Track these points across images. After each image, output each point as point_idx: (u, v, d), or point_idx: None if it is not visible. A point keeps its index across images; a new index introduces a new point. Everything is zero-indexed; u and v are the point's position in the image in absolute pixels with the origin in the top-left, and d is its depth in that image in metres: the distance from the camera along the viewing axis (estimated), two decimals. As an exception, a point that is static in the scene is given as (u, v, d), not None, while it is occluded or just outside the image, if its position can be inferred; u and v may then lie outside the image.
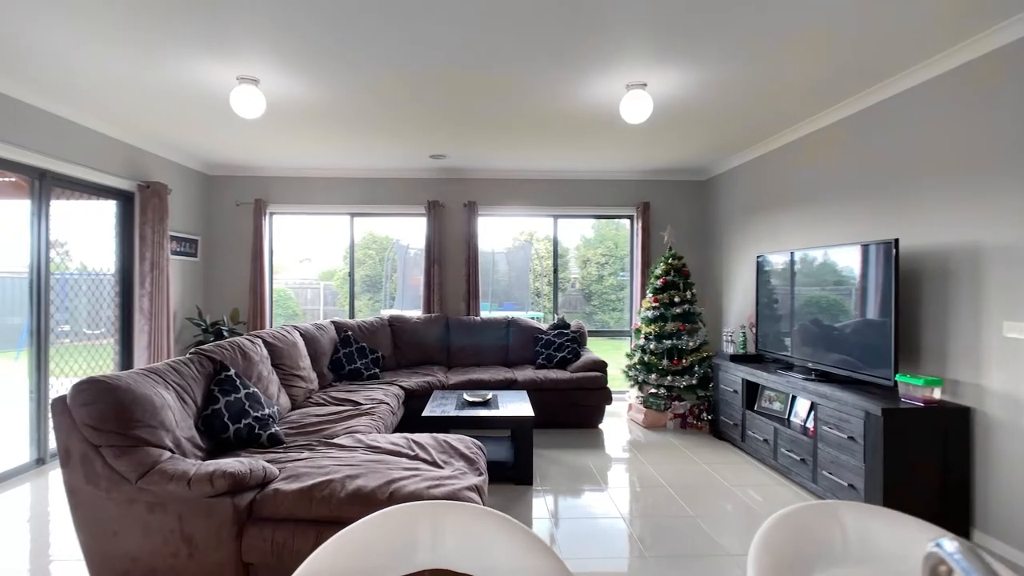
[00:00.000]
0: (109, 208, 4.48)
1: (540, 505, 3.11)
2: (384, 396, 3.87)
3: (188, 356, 2.73)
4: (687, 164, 5.57)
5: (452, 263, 5.95)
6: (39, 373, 3.65)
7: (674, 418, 4.76)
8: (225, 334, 5.26)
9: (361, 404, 3.60)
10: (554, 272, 6.24)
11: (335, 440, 2.66)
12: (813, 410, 3.32)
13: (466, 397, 3.79)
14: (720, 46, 2.81)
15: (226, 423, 2.53)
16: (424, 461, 2.40)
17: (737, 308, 5.29)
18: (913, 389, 2.81)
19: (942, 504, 2.70)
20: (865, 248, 3.13)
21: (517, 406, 3.67)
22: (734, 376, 4.22)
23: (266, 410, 2.75)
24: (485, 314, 5.85)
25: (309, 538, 1.92)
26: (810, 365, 3.55)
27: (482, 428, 4.20)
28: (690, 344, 4.74)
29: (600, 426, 4.80)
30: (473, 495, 2.08)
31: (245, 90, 3.24)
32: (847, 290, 3.29)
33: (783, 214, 4.47)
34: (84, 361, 4.18)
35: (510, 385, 4.65)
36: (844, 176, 3.70)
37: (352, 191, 5.92)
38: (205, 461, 2.05)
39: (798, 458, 3.34)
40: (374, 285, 9.62)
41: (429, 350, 5.33)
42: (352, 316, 6.11)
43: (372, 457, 2.38)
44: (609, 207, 6.04)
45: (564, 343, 5.15)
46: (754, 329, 4.35)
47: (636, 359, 4.97)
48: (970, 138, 2.75)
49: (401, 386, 4.37)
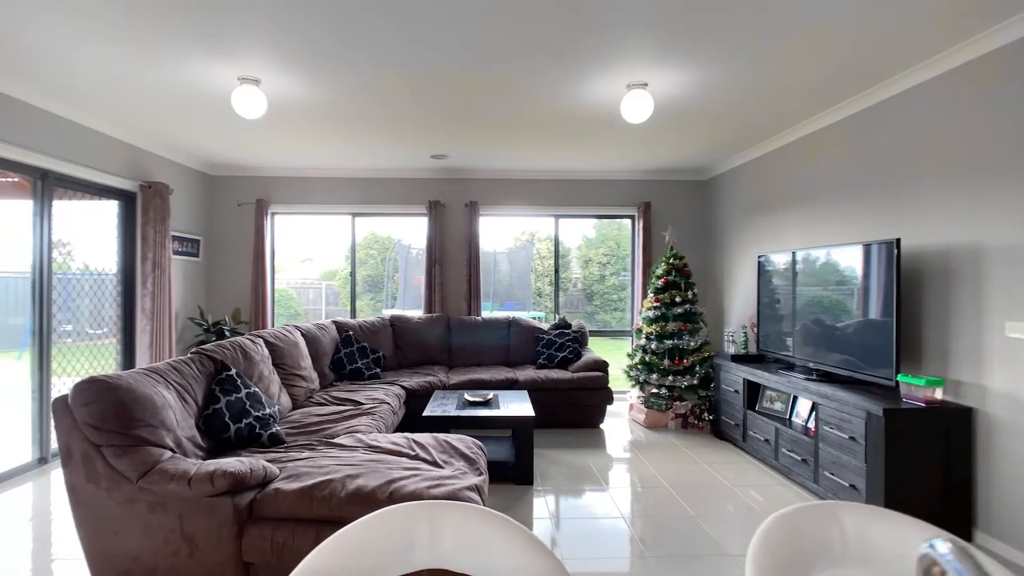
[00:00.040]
0: (111, 208, 4.49)
1: (541, 505, 3.11)
2: (385, 396, 3.87)
3: (189, 356, 2.74)
4: (688, 164, 5.57)
5: (453, 263, 5.95)
6: (41, 373, 3.67)
7: (675, 418, 4.76)
8: (227, 334, 5.27)
9: (362, 404, 3.60)
10: (555, 272, 6.24)
11: (336, 440, 2.66)
12: (814, 410, 3.32)
13: (467, 397, 3.79)
14: (721, 46, 2.81)
15: (227, 423, 2.54)
16: (424, 461, 2.40)
17: (738, 308, 5.28)
18: (915, 389, 2.80)
19: (944, 505, 2.69)
20: (867, 248, 3.13)
21: (518, 406, 3.67)
22: (735, 376, 4.21)
23: (267, 410, 2.76)
24: (486, 314, 5.85)
25: (309, 538, 1.93)
26: (811, 365, 3.54)
27: (483, 428, 4.21)
28: (691, 344, 4.74)
29: (601, 426, 4.79)
30: (473, 495, 2.08)
31: (246, 90, 3.24)
32: (848, 290, 3.29)
33: (784, 214, 4.47)
34: (87, 361, 4.19)
35: (511, 385, 4.65)
36: (845, 176, 3.70)
37: (353, 191, 5.92)
38: (206, 461, 2.05)
39: (799, 458, 3.34)
40: (376, 285, 9.61)
41: (430, 350, 5.33)
42: (353, 316, 6.12)
43: (372, 457, 2.38)
44: (610, 207, 6.03)
45: (565, 343, 5.15)
46: (755, 329, 4.34)
47: (637, 359, 4.96)
48: (970, 138, 2.75)
49: (402, 386, 4.37)
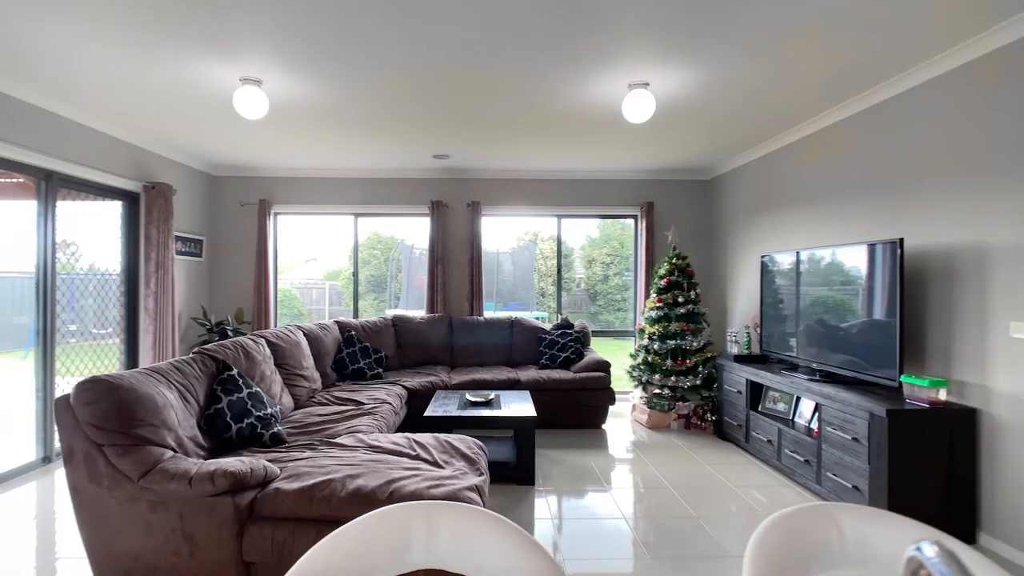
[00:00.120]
0: (115, 209, 4.52)
1: (542, 506, 3.10)
2: (387, 396, 3.88)
3: (191, 356, 2.75)
4: (691, 164, 5.55)
5: (456, 263, 5.96)
6: (45, 372, 3.69)
7: (678, 419, 4.74)
8: (230, 334, 5.29)
9: (364, 404, 3.61)
10: (558, 272, 6.23)
11: (337, 440, 2.66)
12: (817, 411, 3.30)
13: (469, 397, 3.79)
14: (721, 46, 2.80)
15: (228, 422, 2.54)
16: (425, 461, 2.40)
17: (741, 308, 5.27)
18: (918, 390, 2.78)
19: (948, 506, 2.68)
20: (871, 248, 3.11)
21: (520, 406, 3.66)
22: (738, 377, 4.20)
23: (268, 409, 2.76)
24: (489, 314, 5.85)
25: (309, 537, 1.93)
26: (814, 366, 3.53)
27: (485, 428, 4.20)
28: (694, 344, 4.72)
29: (603, 426, 4.79)
30: (473, 495, 2.08)
31: (248, 91, 3.25)
32: (852, 290, 3.27)
33: (787, 214, 4.45)
34: (90, 360, 4.21)
35: (513, 385, 4.65)
36: (847, 176, 3.68)
37: (355, 191, 5.94)
38: (207, 460, 2.06)
39: (802, 459, 3.32)
40: (379, 285, 9.63)
41: (432, 350, 5.33)
42: (356, 316, 6.13)
43: (373, 457, 2.38)
44: (613, 207, 6.02)
45: (567, 343, 5.14)
46: (758, 329, 4.32)
47: (640, 359, 4.95)
48: (972, 138, 2.73)
49: (404, 386, 4.38)
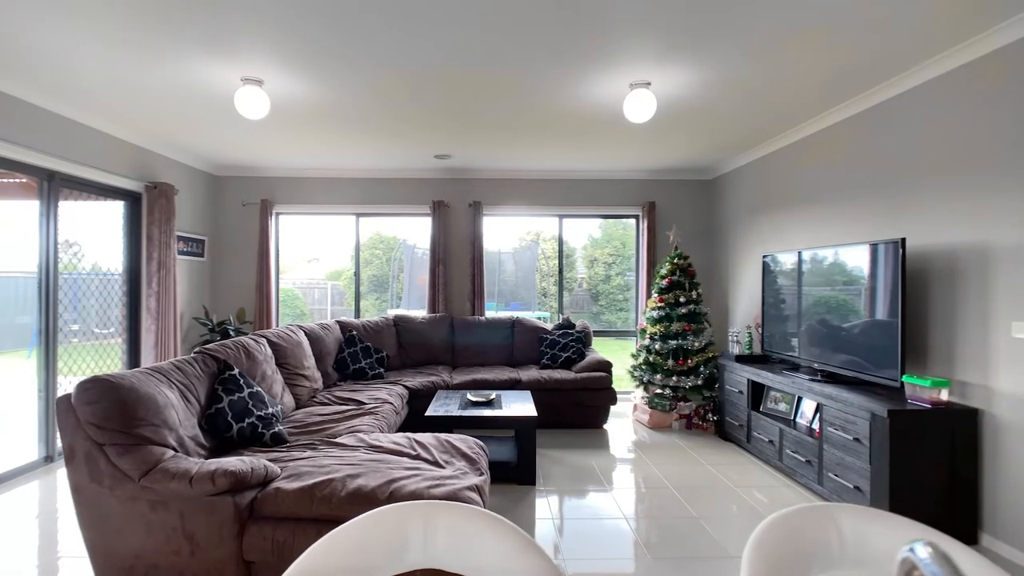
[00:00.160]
0: (117, 209, 4.53)
1: (543, 506, 3.10)
2: (388, 396, 3.88)
3: (192, 355, 2.75)
4: (692, 164, 5.54)
5: (457, 263, 5.96)
6: (47, 372, 3.70)
7: (679, 419, 4.74)
8: (231, 334, 5.30)
9: (364, 403, 3.61)
10: (559, 272, 6.23)
11: (338, 439, 2.67)
12: (819, 411, 3.29)
13: (470, 397, 3.79)
14: (722, 46, 2.79)
15: (229, 422, 2.55)
16: (425, 461, 2.40)
17: (743, 308, 5.26)
18: (920, 390, 2.77)
19: (949, 507, 2.67)
20: (873, 248, 3.10)
21: (521, 406, 3.66)
22: (740, 377, 4.19)
23: (269, 409, 2.77)
24: (490, 314, 5.85)
25: (309, 537, 1.93)
26: (816, 366, 3.52)
27: (486, 428, 4.19)
28: (695, 344, 4.72)
29: (605, 426, 4.78)
30: (473, 495, 2.08)
31: (249, 91, 3.26)
32: (854, 290, 3.26)
33: (788, 214, 4.44)
34: (93, 360, 4.22)
35: (514, 385, 4.65)
36: (848, 176, 3.67)
37: (356, 191, 5.94)
38: (207, 460, 2.06)
39: (803, 459, 3.31)
40: (381, 285, 9.63)
41: (434, 350, 5.33)
42: (358, 316, 6.13)
43: (373, 456, 2.38)
44: (614, 207, 6.01)
45: (569, 343, 5.14)
46: (760, 329, 4.31)
47: (641, 359, 4.95)
48: (972, 138, 2.72)
49: (405, 386, 4.38)
